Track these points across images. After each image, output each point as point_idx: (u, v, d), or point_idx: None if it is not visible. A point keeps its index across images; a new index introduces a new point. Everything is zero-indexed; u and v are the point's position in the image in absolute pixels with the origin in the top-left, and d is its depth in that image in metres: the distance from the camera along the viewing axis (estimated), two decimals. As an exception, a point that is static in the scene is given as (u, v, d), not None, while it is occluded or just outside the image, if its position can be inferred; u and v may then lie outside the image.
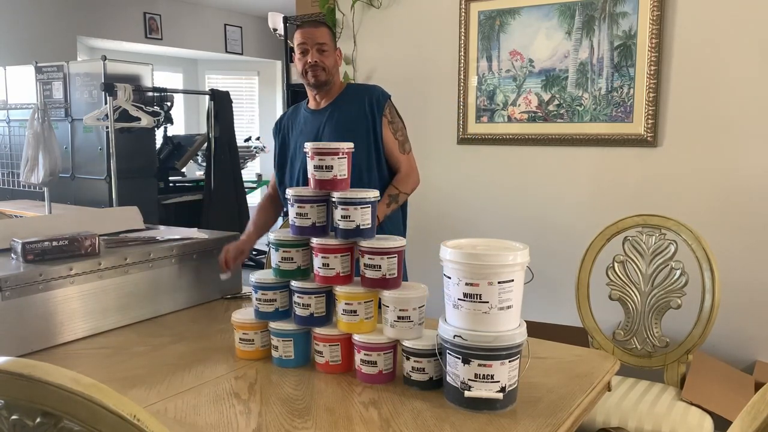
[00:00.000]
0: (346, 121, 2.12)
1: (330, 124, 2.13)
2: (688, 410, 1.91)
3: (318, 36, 2.10)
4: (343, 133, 2.10)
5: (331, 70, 2.13)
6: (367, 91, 2.18)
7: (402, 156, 2.17)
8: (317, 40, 2.09)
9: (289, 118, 2.29)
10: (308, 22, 2.18)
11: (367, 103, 2.13)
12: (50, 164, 3.42)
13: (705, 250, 2.03)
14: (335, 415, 1.25)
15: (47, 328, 1.62)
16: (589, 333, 2.20)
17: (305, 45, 2.10)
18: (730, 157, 2.57)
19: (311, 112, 2.21)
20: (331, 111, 2.16)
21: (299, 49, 2.11)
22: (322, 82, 2.12)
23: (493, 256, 1.26)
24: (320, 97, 2.18)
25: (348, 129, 2.11)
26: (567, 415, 1.25)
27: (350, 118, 2.12)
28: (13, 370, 0.66)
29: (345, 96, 2.18)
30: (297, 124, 2.24)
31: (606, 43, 2.77)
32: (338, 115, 2.14)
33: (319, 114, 2.18)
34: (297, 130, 2.23)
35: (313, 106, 2.21)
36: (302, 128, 2.21)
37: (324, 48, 2.10)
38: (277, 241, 1.54)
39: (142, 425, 0.66)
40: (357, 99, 2.15)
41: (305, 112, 2.23)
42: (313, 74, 2.10)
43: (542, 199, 3.01)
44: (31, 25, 5.56)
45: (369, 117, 2.13)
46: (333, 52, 2.14)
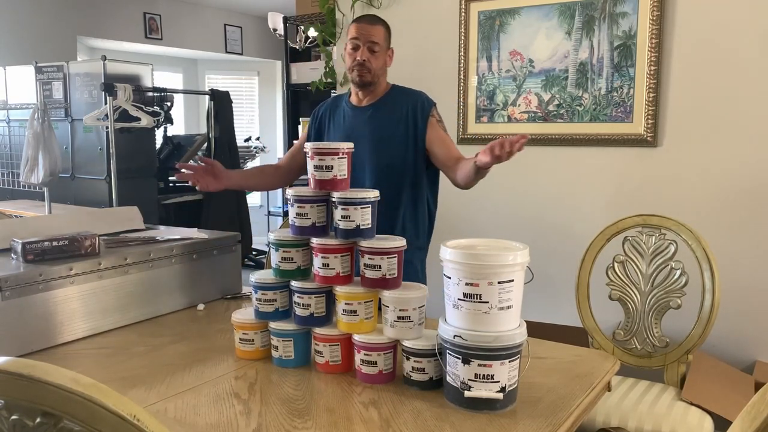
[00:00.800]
0: (386, 125, 2.08)
1: (370, 124, 2.10)
2: (688, 410, 1.91)
3: (372, 34, 2.04)
4: (381, 135, 2.07)
5: (378, 72, 2.07)
6: (413, 96, 2.13)
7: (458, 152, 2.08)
8: (370, 38, 2.04)
9: (328, 109, 2.24)
10: (366, 17, 2.12)
11: (410, 109, 2.09)
12: (50, 164, 3.42)
13: (705, 250, 2.03)
14: (335, 415, 1.25)
15: (47, 328, 1.62)
16: (589, 333, 2.20)
17: (357, 41, 2.04)
18: (730, 156, 2.57)
19: (352, 107, 2.16)
20: (372, 111, 2.11)
21: (351, 44, 2.06)
22: (367, 83, 2.07)
23: (493, 256, 1.26)
24: (363, 95, 2.13)
25: (387, 132, 2.07)
26: (567, 415, 1.25)
27: (392, 121, 2.08)
28: (13, 370, 0.66)
29: (389, 98, 2.13)
30: (336, 116, 2.20)
31: (606, 43, 2.77)
32: (380, 117, 2.10)
33: (359, 112, 2.14)
34: (334, 122, 2.19)
35: (354, 101, 2.16)
36: (340, 122, 2.17)
37: (375, 48, 2.04)
38: (277, 241, 1.54)
39: (142, 425, 0.66)
40: (401, 103, 2.11)
41: (346, 107, 2.17)
42: (359, 74, 2.05)
43: (542, 199, 3.01)
44: (31, 25, 5.56)
45: (411, 122, 2.08)
46: (384, 53, 2.09)
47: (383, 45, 2.07)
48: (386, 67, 2.12)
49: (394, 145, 2.08)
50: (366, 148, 2.07)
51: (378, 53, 2.05)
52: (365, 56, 2.03)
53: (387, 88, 2.16)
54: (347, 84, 3.48)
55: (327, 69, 3.73)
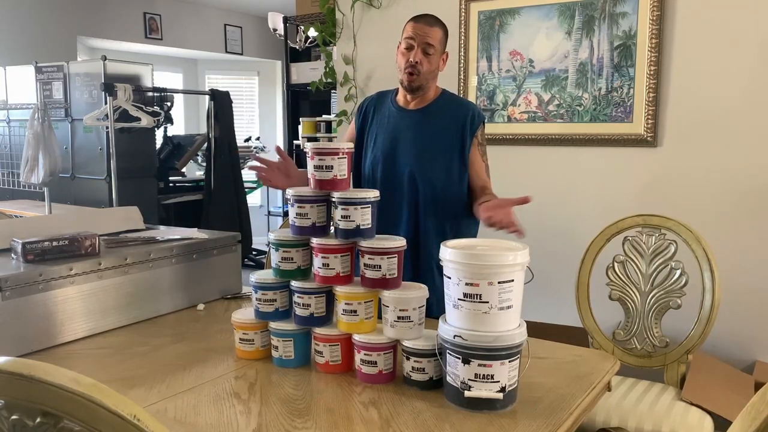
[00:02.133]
0: (433, 133, 2.00)
1: (416, 130, 2.00)
2: (688, 410, 1.91)
3: (429, 35, 1.94)
4: (426, 144, 1.98)
5: (428, 76, 1.97)
6: (464, 107, 2.04)
7: (487, 179, 2.06)
8: (426, 40, 1.93)
9: (373, 104, 2.13)
10: (425, 17, 1.99)
11: (460, 121, 2.00)
12: (50, 164, 3.42)
13: (705, 250, 2.03)
14: (335, 415, 1.25)
15: (47, 328, 1.62)
16: (589, 333, 2.20)
17: (412, 41, 1.94)
18: (729, 156, 2.57)
19: (398, 108, 2.06)
20: (420, 117, 2.02)
21: (405, 43, 1.96)
22: (415, 88, 1.97)
23: (493, 256, 1.26)
24: (411, 98, 2.03)
25: (433, 142, 1.99)
26: (567, 415, 1.25)
27: (439, 130, 2.00)
28: (13, 370, 0.66)
29: (438, 105, 2.03)
30: (380, 115, 2.10)
31: (606, 43, 2.77)
32: (426, 125, 2.00)
33: (406, 115, 2.04)
34: (378, 121, 2.09)
35: (402, 102, 2.06)
36: (385, 122, 2.07)
37: (430, 51, 1.94)
38: (277, 241, 1.54)
39: (142, 425, 0.66)
40: (451, 113, 2.02)
41: (392, 106, 2.07)
42: (408, 77, 1.95)
43: (542, 199, 3.00)
44: (31, 25, 5.55)
45: (459, 134, 1.99)
46: (439, 56, 1.98)
47: (438, 48, 1.97)
48: (438, 71, 2.02)
49: (439, 154, 1.99)
50: (408, 154, 1.99)
51: (432, 56, 1.95)
52: (418, 57, 1.93)
53: (437, 94, 2.06)
54: (347, 84, 3.48)
55: (327, 69, 3.73)
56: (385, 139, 2.04)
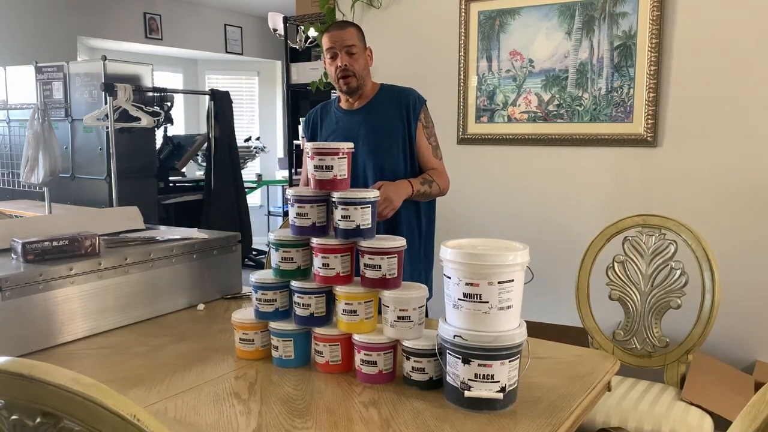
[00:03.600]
0: (382, 125, 2.09)
1: (366, 126, 2.10)
2: (688, 410, 1.91)
3: (346, 38, 2.04)
4: (380, 136, 2.07)
5: (362, 74, 2.07)
6: (403, 94, 2.13)
7: (435, 161, 2.15)
8: (345, 43, 2.04)
9: (318, 116, 2.24)
10: (335, 24, 2.11)
11: (403, 107, 2.09)
12: (50, 164, 3.42)
13: (705, 250, 2.03)
14: (335, 415, 1.25)
15: (47, 328, 1.62)
16: (589, 333, 2.20)
17: (333, 49, 2.05)
18: (730, 156, 2.57)
19: (344, 112, 2.16)
20: (366, 113, 2.11)
21: (328, 54, 2.06)
22: (354, 89, 2.08)
23: (493, 256, 1.26)
24: (353, 99, 2.13)
25: (385, 133, 2.08)
26: (567, 415, 1.25)
27: (387, 121, 2.09)
28: (13, 370, 0.66)
29: (380, 98, 2.13)
30: (328, 122, 2.19)
31: (606, 43, 2.77)
32: (374, 118, 2.10)
33: (353, 115, 2.14)
34: (328, 128, 2.18)
35: (345, 106, 2.17)
36: (334, 128, 2.16)
37: (353, 50, 2.04)
38: (277, 241, 1.54)
39: (142, 425, 0.66)
40: (393, 102, 2.11)
41: (337, 112, 2.18)
42: (345, 82, 2.05)
43: (542, 199, 3.01)
44: (31, 25, 5.55)
45: (404, 121, 2.09)
46: (363, 53, 2.09)
47: (359, 46, 2.07)
48: (369, 67, 2.12)
49: (393, 144, 2.09)
50: (363, 150, 2.08)
51: (357, 55, 2.05)
52: (345, 61, 2.03)
53: (376, 89, 2.16)
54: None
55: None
56: (336, 139, 2.11)
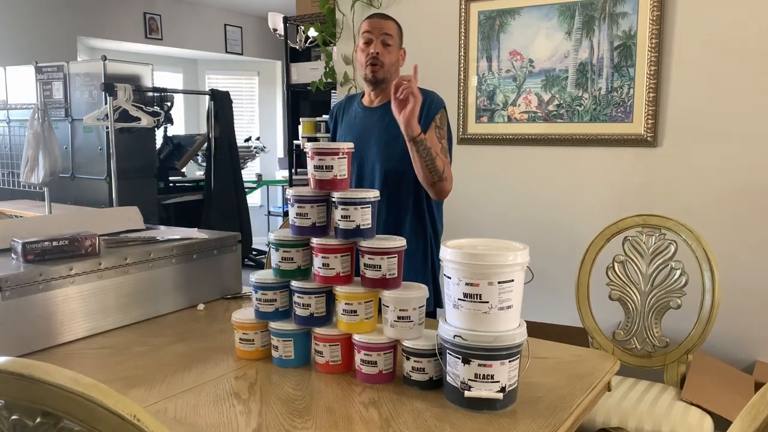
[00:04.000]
0: (395, 126, 1.99)
1: (380, 125, 2.07)
2: (688, 410, 1.91)
3: (385, 27, 2.03)
4: (391, 137, 2.03)
5: (390, 68, 2.05)
6: (423, 96, 1.99)
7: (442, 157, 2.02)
8: (384, 31, 2.02)
9: (341, 108, 2.23)
10: (378, 14, 2.11)
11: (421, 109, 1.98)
12: (50, 164, 3.42)
13: (705, 251, 2.03)
14: (335, 415, 1.25)
15: (47, 328, 1.62)
16: (589, 333, 2.20)
17: (370, 35, 2.02)
18: (730, 156, 2.57)
19: (363, 108, 2.14)
20: (383, 112, 2.07)
21: (363, 38, 2.04)
22: (379, 80, 2.05)
23: (493, 256, 1.26)
24: (375, 95, 2.11)
25: (396, 132, 1.99)
26: (567, 415, 1.25)
27: None
28: (13, 370, 0.66)
29: None
30: (347, 116, 2.18)
31: (606, 43, 2.77)
32: (390, 118, 2.02)
33: (371, 112, 2.12)
34: (346, 122, 2.18)
35: (366, 102, 2.15)
36: (351, 123, 2.15)
37: (389, 41, 2.03)
38: (277, 241, 1.54)
39: (142, 425, 0.66)
40: None
41: (358, 107, 2.16)
42: (371, 69, 2.03)
43: (542, 199, 3.01)
44: (31, 25, 5.55)
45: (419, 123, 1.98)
46: (397, 50, 2.08)
47: (396, 41, 2.06)
48: (399, 66, 2.10)
49: (402, 147, 2.01)
50: (375, 149, 2.06)
51: (391, 47, 2.04)
52: (379, 49, 2.01)
53: None
54: (347, 84, 3.48)
55: (327, 69, 3.73)
56: (353, 138, 2.10)
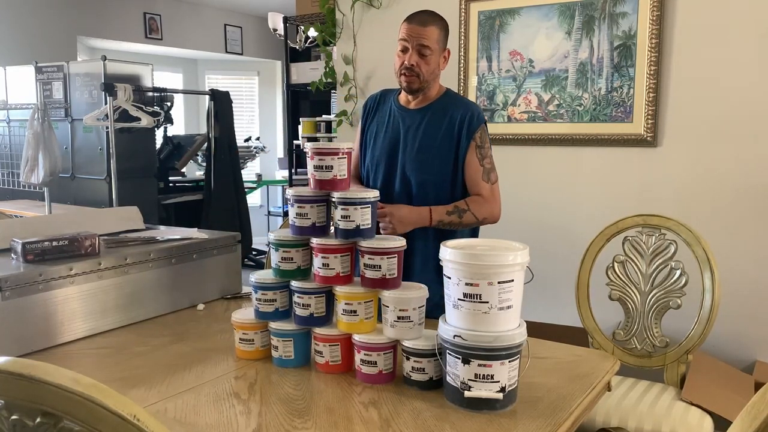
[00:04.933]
0: (431, 135, 1.94)
1: (414, 131, 1.96)
2: (688, 410, 1.91)
3: (424, 36, 1.87)
4: (423, 146, 1.94)
5: (428, 78, 1.91)
6: (463, 108, 1.95)
7: (485, 184, 1.95)
8: (421, 41, 1.87)
9: (374, 101, 2.10)
10: (418, 16, 1.91)
11: (458, 122, 1.92)
12: (50, 164, 3.42)
13: (705, 251, 2.03)
14: (335, 415, 1.25)
15: (47, 328, 1.62)
16: (589, 333, 2.20)
17: (406, 42, 1.88)
18: (730, 156, 2.57)
19: (399, 107, 2.01)
20: (419, 118, 1.96)
21: (400, 45, 1.90)
22: (415, 90, 1.92)
23: (493, 256, 1.26)
24: (413, 98, 1.98)
25: (430, 143, 1.93)
26: (567, 415, 1.25)
27: (437, 132, 1.94)
28: (13, 370, 0.66)
29: (439, 105, 1.97)
30: (381, 113, 2.06)
31: (606, 43, 2.77)
32: (425, 125, 1.95)
33: (406, 115, 1.99)
34: (378, 120, 2.06)
35: (403, 101, 2.01)
36: (384, 120, 2.04)
37: (426, 52, 1.87)
38: (277, 241, 1.54)
39: (142, 425, 0.66)
40: (450, 113, 1.94)
41: (394, 105, 2.03)
42: (406, 80, 1.90)
43: (542, 199, 3.01)
44: (31, 25, 5.55)
45: (455, 136, 1.92)
46: (437, 56, 1.91)
47: (436, 48, 1.90)
48: (439, 70, 1.95)
49: (434, 159, 1.93)
50: (405, 156, 1.96)
51: (429, 57, 1.89)
52: (414, 60, 1.87)
53: (439, 93, 2.00)
54: (347, 84, 3.48)
55: (327, 69, 3.73)
56: (384, 138, 2.01)
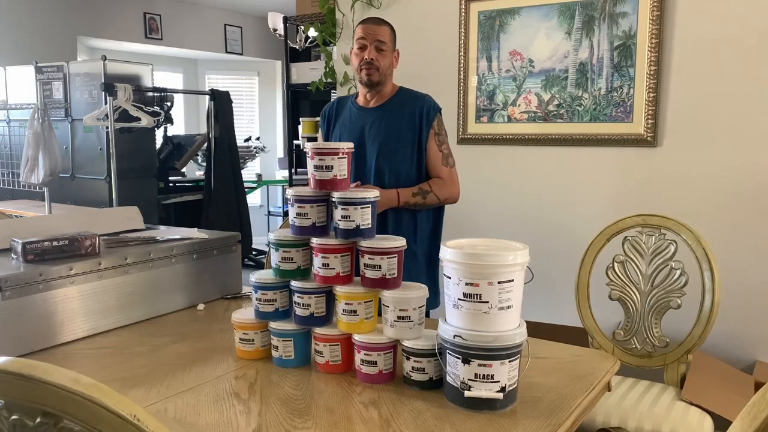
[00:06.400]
0: (394, 127, 2.12)
1: (378, 126, 2.13)
2: (688, 410, 1.91)
3: (379, 33, 2.08)
4: (389, 138, 2.10)
5: (386, 71, 2.11)
6: (419, 100, 2.16)
7: (444, 168, 2.15)
8: (377, 38, 2.07)
9: (333, 108, 2.28)
10: (372, 18, 2.16)
11: (417, 113, 2.12)
12: (50, 164, 3.42)
13: (705, 250, 2.03)
14: (335, 415, 1.25)
15: (47, 328, 1.62)
16: (589, 333, 2.20)
17: (364, 40, 2.08)
18: (730, 156, 2.57)
19: (358, 108, 2.19)
20: (380, 113, 2.15)
21: (358, 44, 2.09)
22: (375, 82, 2.11)
23: (493, 256, 1.26)
24: (371, 96, 2.17)
25: (395, 135, 2.11)
26: (567, 415, 1.25)
27: (399, 124, 2.12)
28: (13, 370, 0.66)
29: (396, 100, 2.16)
30: (342, 116, 2.23)
31: (606, 43, 2.77)
32: (387, 120, 2.13)
33: (366, 113, 2.17)
34: (341, 122, 2.22)
35: (361, 102, 2.19)
36: (346, 123, 2.20)
37: (383, 47, 2.08)
38: (277, 241, 1.54)
39: (142, 425, 0.66)
40: (408, 106, 2.14)
41: (352, 107, 2.21)
42: (367, 73, 2.08)
43: (542, 199, 3.01)
44: (31, 25, 5.55)
45: (417, 126, 2.11)
46: (391, 53, 2.13)
47: (390, 45, 2.11)
48: (393, 68, 2.15)
49: (401, 147, 2.11)
50: (373, 149, 2.11)
51: (385, 52, 2.09)
52: (373, 55, 2.06)
53: (394, 90, 2.18)
54: (347, 84, 3.48)
55: (327, 69, 3.73)
56: (350, 137, 2.14)
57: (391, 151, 2.10)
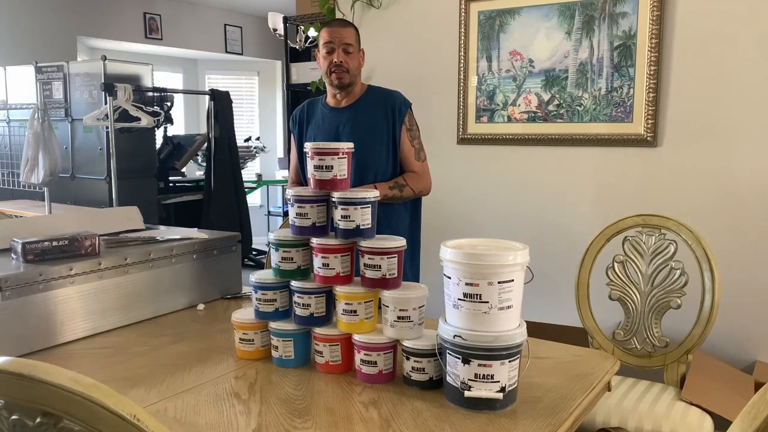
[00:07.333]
0: (367, 125, 2.16)
1: (351, 125, 2.17)
2: (688, 410, 1.91)
3: (345, 36, 2.12)
4: (364, 135, 2.13)
5: (355, 72, 2.16)
6: (390, 96, 2.21)
7: (416, 162, 2.23)
8: (344, 40, 2.11)
9: (304, 112, 2.31)
10: (336, 21, 2.20)
11: (389, 109, 2.17)
12: (50, 164, 3.42)
13: (705, 250, 2.03)
14: (335, 415, 1.25)
15: (47, 328, 1.62)
16: (589, 333, 2.20)
17: (332, 44, 2.12)
18: (730, 156, 2.57)
19: (330, 109, 2.23)
20: (352, 112, 2.19)
21: (325, 48, 2.13)
22: (345, 84, 2.15)
23: (493, 256, 1.26)
24: (341, 96, 2.20)
25: (369, 132, 2.15)
26: (567, 415, 1.25)
27: (372, 121, 2.17)
28: (13, 370, 0.66)
29: (367, 98, 2.21)
30: (314, 118, 2.27)
31: (606, 43, 2.77)
32: (360, 118, 2.17)
33: (338, 113, 2.21)
34: (314, 124, 2.25)
35: (332, 103, 2.23)
36: (320, 124, 2.23)
37: (350, 50, 2.13)
38: (277, 241, 1.54)
39: (142, 425, 0.66)
40: (379, 103, 2.19)
41: (323, 108, 2.25)
42: (337, 76, 2.13)
43: (542, 199, 3.01)
44: (31, 25, 5.55)
45: (390, 122, 2.17)
46: (358, 54, 2.17)
47: (356, 46, 2.16)
48: (361, 67, 2.21)
49: (376, 144, 2.16)
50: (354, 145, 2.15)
51: (352, 54, 2.14)
52: (341, 58, 2.11)
53: (363, 89, 2.23)
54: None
55: (327, 69, 3.72)
56: (325, 138, 2.19)
57: (368, 147, 2.14)
